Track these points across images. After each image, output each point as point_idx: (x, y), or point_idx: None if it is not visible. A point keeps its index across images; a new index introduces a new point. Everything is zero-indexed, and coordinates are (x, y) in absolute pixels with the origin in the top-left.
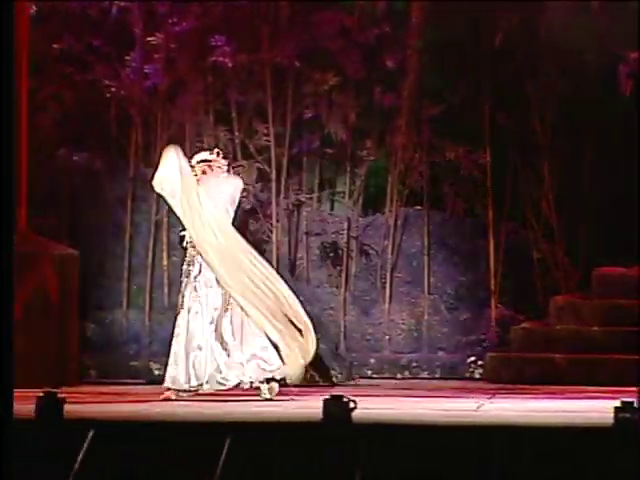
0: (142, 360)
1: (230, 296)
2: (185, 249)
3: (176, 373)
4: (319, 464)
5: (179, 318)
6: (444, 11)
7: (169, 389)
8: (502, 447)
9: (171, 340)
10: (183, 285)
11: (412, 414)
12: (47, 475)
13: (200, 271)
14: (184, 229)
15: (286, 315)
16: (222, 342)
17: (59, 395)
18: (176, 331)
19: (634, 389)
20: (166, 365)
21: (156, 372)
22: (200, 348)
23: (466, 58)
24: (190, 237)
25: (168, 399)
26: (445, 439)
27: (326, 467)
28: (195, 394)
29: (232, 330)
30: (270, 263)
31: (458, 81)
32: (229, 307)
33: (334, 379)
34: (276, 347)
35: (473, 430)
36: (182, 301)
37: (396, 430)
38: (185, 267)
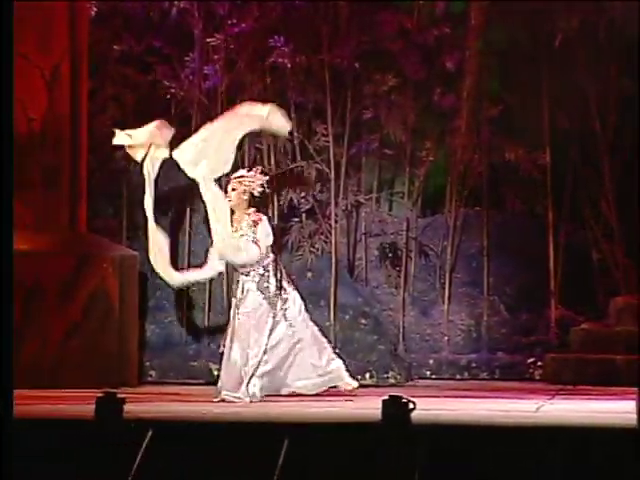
0: (201, 361)
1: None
2: None
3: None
4: (378, 465)
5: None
6: (503, 12)
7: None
8: (563, 448)
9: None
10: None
11: (471, 415)
12: (107, 475)
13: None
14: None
15: None
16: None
17: (119, 395)
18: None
19: None
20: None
21: (215, 372)
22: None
23: (525, 59)
24: None
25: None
26: (505, 440)
27: (385, 468)
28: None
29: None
30: (330, 264)
31: (517, 82)
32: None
33: (393, 380)
34: None
35: (533, 431)
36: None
37: (455, 431)
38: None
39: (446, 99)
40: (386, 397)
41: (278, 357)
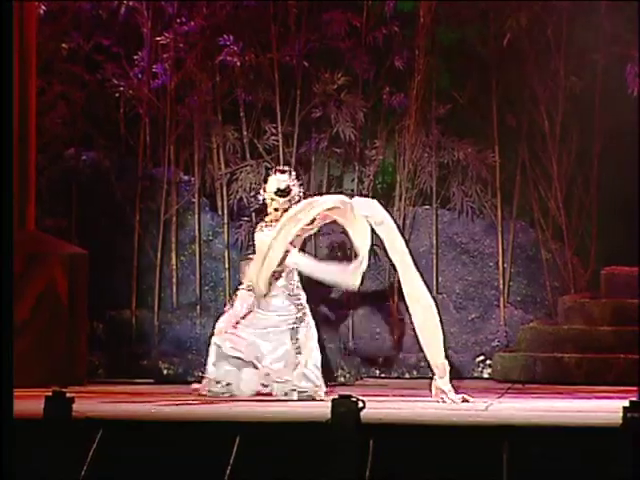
0: (151, 359)
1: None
2: None
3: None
4: (327, 464)
5: None
6: (452, 11)
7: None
8: (511, 447)
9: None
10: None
11: (420, 414)
12: (56, 474)
13: None
14: None
15: None
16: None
17: (68, 394)
18: None
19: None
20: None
21: (165, 371)
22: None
23: (474, 58)
24: None
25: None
26: (454, 439)
27: (334, 467)
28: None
29: None
30: None
31: (466, 81)
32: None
33: (342, 379)
34: None
35: (482, 430)
36: None
37: (404, 430)
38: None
39: (395, 98)
40: (335, 396)
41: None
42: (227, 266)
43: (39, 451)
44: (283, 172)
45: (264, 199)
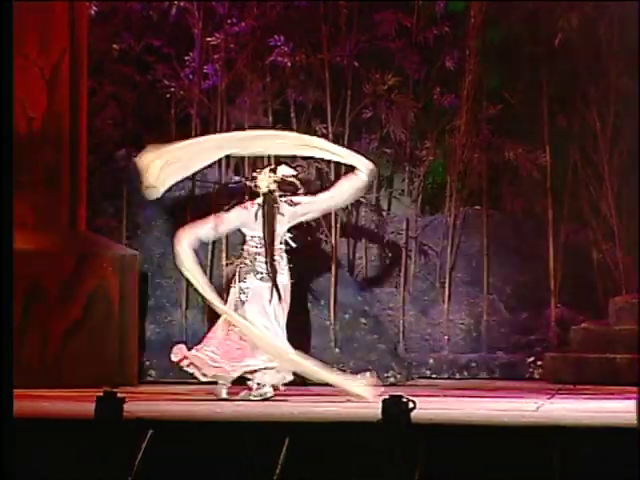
0: None
1: None
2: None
3: None
4: (377, 465)
5: None
6: (503, 10)
7: None
8: (562, 448)
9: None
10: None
11: (471, 414)
12: (106, 475)
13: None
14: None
15: None
16: None
17: (119, 395)
18: None
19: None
20: None
21: None
22: None
23: (525, 58)
24: None
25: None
26: (504, 440)
27: (384, 468)
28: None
29: None
30: (329, 263)
31: (517, 81)
32: None
33: (392, 379)
34: None
35: (533, 431)
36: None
37: (455, 431)
38: None
39: (446, 98)
40: (386, 396)
41: None
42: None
43: (90, 451)
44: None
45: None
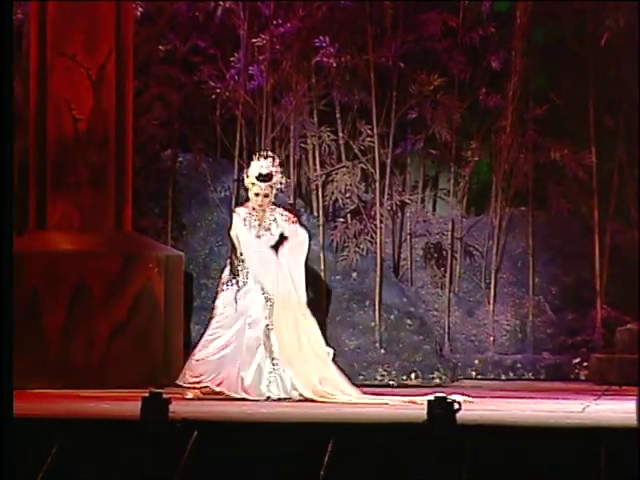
0: None
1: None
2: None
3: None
4: (423, 466)
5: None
6: (549, 11)
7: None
8: (609, 449)
9: None
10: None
11: (517, 415)
12: (152, 475)
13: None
14: None
15: None
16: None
17: (164, 396)
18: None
19: None
20: None
21: None
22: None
23: (571, 58)
24: None
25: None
26: (550, 441)
27: (430, 469)
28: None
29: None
30: (374, 264)
31: (563, 81)
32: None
33: (438, 380)
34: None
35: (579, 432)
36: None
37: (500, 432)
38: None
39: (491, 98)
40: (431, 397)
41: None
42: (323, 267)
43: (135, 452)
44: (266, 157)
45: (245, 185)
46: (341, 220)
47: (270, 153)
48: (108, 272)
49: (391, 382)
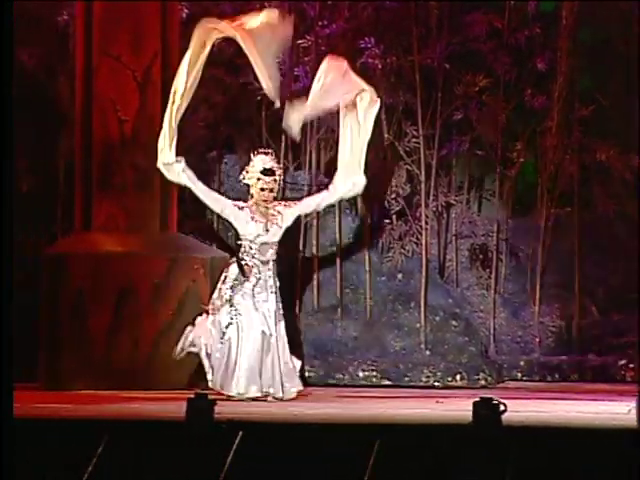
0: None
1: None
2: None
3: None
4: (468, 467)
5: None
6: (595, 11)
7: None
8: None
9: None
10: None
11: (563, 417)
12: (198, 476)
13: None
14: None
15: None
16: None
17: (209, 397)
18: None
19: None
20: None
21: (306, 374)
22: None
23: (617, 58)
24: None
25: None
26: (596, 442)
27: (475, 470)
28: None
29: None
30: (420, 266)
31: (609, 82)
32: None
33: (483, 382)
34: None
35: (625, 433)
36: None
37: (546, 433)
38: None
39: (537, 99)
40: (477, 399)
41: None
42: (368, 269)
43: (180, 453)
44: (266, 153)
45: (246, 182)
46: (386, 221)
47: (269, 150)
48: (154, 274)
49: (436, 383)
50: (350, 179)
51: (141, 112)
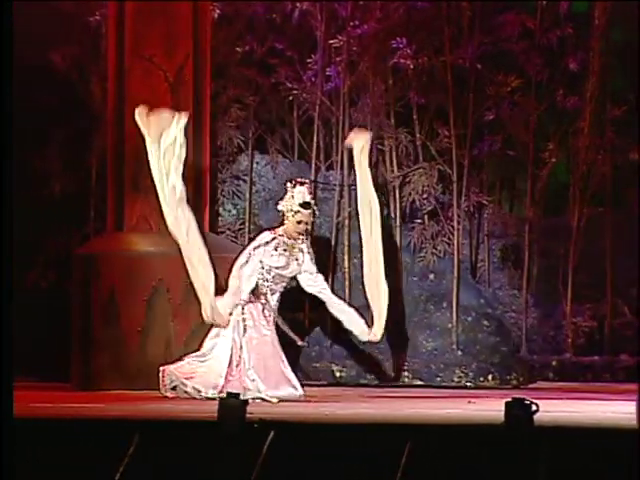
0: (323, 362)
1: None
2: None
3: None
4: (500, 468)
5: None
6: (627, 11)
7: None
8: None
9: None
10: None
11: (595, 417)
12: (230, 476)
13: None
14: None
15: None
16: None
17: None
18: None
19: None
20: None
21: (337, 374)
22: None
23: None
24: None
25: None
26: (629, 443)
27: (507, 471)
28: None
29: None
30: (451, 266)
31: None
32: None
33: (515, 382)
34: None
35: None
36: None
37: (579, 433)
38: None
39: (569, 100)
40: (509, 399)
41: None
42: (400, 269)
43: (212, 452)
44: (303, 184)
45: (282, 211)
46: (418, 221)
47: (306, 180)
48: (185, 273)
49: (468, 384)
50: None
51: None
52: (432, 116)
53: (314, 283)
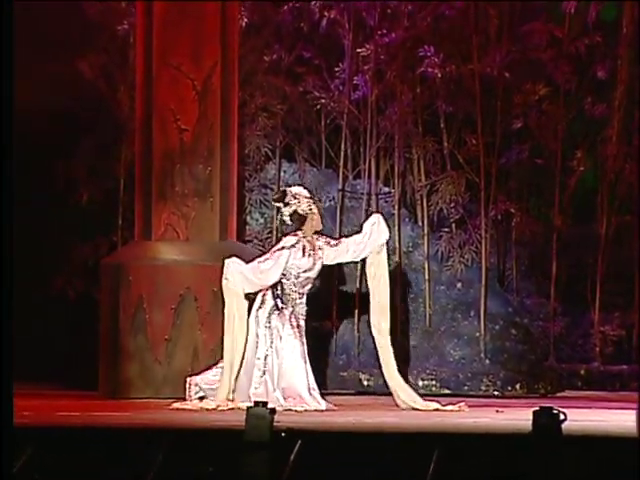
0: (351, 371)
1: None
2: None
3: None
4: (528, 477)
5: None
6: None
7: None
8: None
9: None
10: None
11: (623, 427)
12: None
13: None
14: None
15: None
16: None
17: (269, 405)
18: None
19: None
20: None
21: (365, 383)
22: None
23: None
24: None
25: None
26: None
27: (535, 478)
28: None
29: None
30: (479, 274)
31: None
32: None
33: (543, 390)
34: None
35: None
36: None
37: (607, 443)
38: None
39: (597, 108)
40: (537, 408)
41: None
42: (427, 277)
43: (240, 461)
44: (290, 189)
45: (302, 215)
46: (446, 230)
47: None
48: (213, 282)
49: (496, 392)
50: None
51: (201, 121)
52: (460, 124)
53: (358, 249)
